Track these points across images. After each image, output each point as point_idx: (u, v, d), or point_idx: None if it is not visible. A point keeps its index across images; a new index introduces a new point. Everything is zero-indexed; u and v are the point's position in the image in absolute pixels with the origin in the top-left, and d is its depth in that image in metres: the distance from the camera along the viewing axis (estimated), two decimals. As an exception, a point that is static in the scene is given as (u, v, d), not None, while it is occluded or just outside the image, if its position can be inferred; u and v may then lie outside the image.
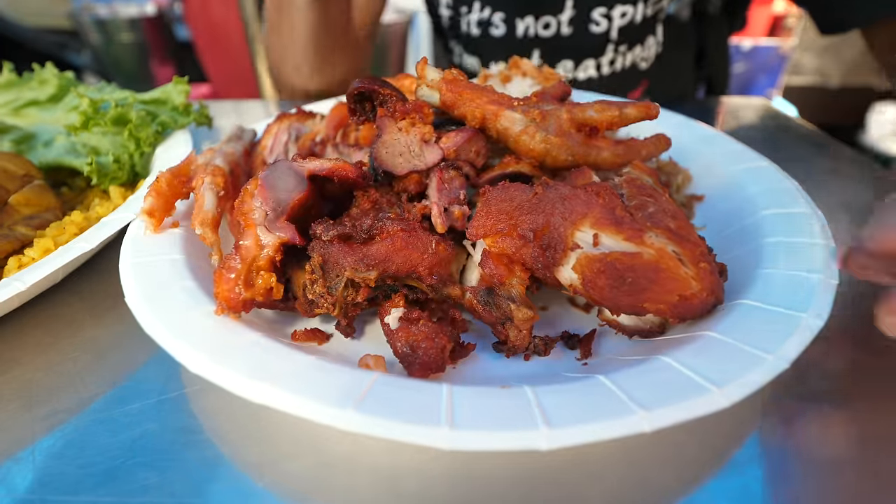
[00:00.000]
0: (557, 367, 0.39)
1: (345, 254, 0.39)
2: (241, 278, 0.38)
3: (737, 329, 0.34)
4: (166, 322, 0.35)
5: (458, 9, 1.11)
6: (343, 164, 0.42)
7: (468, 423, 0.29)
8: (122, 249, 0.43)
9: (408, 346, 0.37)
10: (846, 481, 0.32)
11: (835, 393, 0.38)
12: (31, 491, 0.33)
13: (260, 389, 0.31)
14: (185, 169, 0.50)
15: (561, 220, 0.37)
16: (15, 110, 0.75)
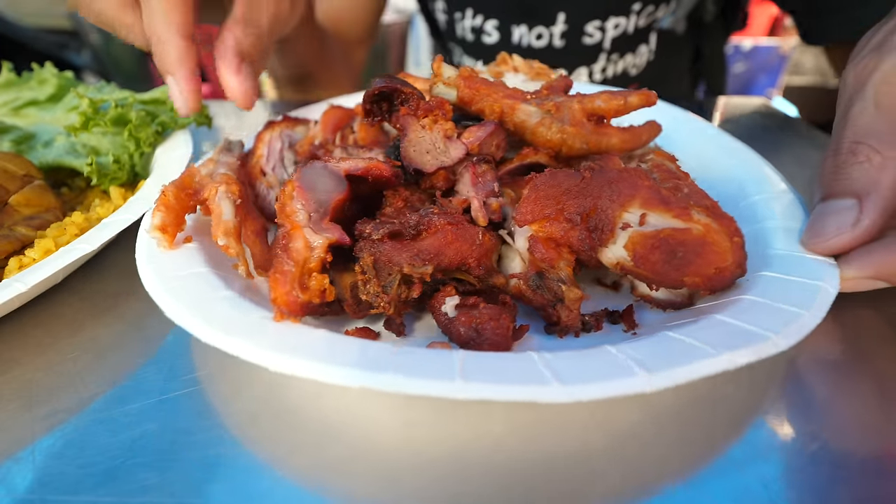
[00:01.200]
0: (606, 342, 0.39)
1: (398, 251, 0.39)
2: (296, 281, 0.37)
3: (767, 293, 0.37)
4: (237, 331, 0.35)
5: (452, 14, 1.11)
6: (378, 164, 0.42)
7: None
8: (144, 273, 0.41)
9: (472, 330, 0.38)
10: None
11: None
12: (31, 491, 0.33)
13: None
14: (188, 181, 0.48)
15: (609, 203, 0.40)
16: (14, 110, 0.75)
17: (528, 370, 0.31)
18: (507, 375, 0.31)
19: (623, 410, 0.37)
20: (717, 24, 1.16)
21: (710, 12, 1.12)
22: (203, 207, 0.48)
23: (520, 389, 0.30)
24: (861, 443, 0.35)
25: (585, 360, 0.32)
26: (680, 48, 1.14)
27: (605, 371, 0.31)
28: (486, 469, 0.33)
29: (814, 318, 0.34)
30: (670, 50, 1.11)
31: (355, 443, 0.35)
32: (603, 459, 0.34)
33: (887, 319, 0.45)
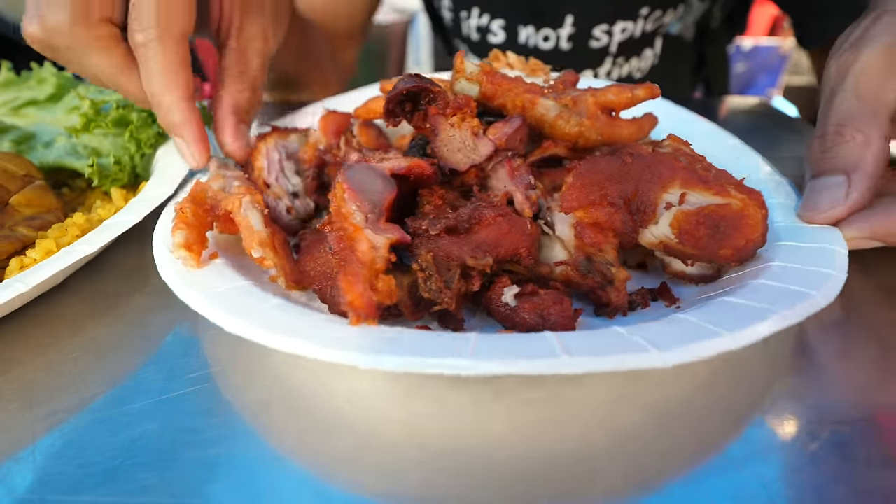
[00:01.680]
0: (649, 318, 0.41)
1: (457, 245, 0.40)
2: (367, 283, 0.37)
3: (792, 259, 0.40)
4: (311, 336, 0.34)
5: (458, 12, 1.10)
6: (420, 162, 0.43)
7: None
8: (187, 296, 0.39)
9: (538, 316, 0.39)
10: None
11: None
12: (31, 491, 0.33)
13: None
14: (201, 197, 0.46)
15: (649, 185, 0.42)
16: (14, 110, 0.75)
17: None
18: (610, 347, 0.32)
19: (624, 410, 0.37)
20: (721, 29, 1.16)
21: (717, 18, 1.12)
22: (221, 224, 0.47)
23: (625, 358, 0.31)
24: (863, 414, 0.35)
25: (675, 327, 0.34)
26: (684, 53, 1.14)
27: (690, 335, 0.33)
28: (488, 464, 0.33)
29: (841, 275, 0.37)
30: (675, 55, 1.11)
31: (358, 439, 0.35)
32: (604, 458, 0.34)
33: (875, 285, 0.48)
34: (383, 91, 0.65)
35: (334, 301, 0.41)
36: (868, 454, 0.34)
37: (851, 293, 0.46)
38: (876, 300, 0.47)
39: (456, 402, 0.38)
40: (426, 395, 0.38)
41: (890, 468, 0.33)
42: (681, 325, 0.34)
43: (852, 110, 0.45)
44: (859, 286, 0.48)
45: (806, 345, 0.42)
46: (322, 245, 0.43)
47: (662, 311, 0.43)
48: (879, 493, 0.31)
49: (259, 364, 0.42)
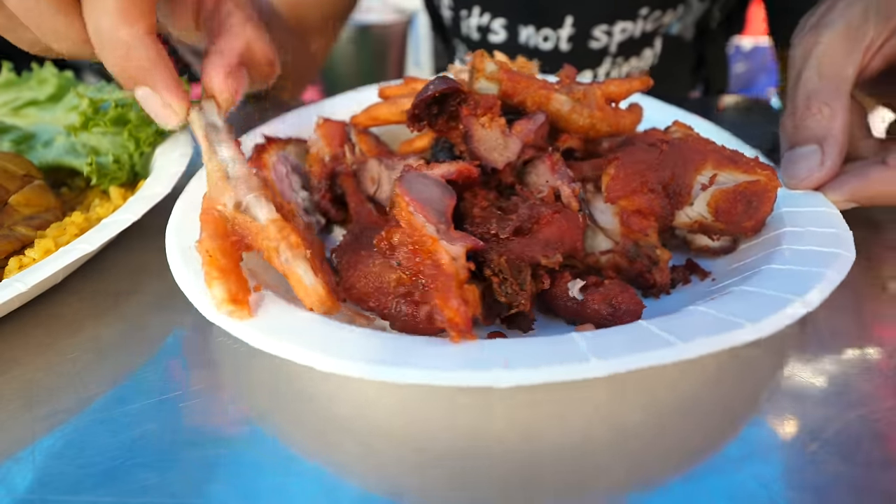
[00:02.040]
0: (687, 295, 0.45)
1: (527, 246, 0.40)
2: (460, 297, 0.35)
3: (799, 242, 0.42)
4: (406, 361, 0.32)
5: (458, 11, 1.10)
6: (467, 166, 0.43)
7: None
8: (244, 333, 0.35)
9: (608, 306, 0.40)
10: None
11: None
12: (31, 491, 0.33)
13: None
14: (222, 227, 0.40)
15: (684, 170, 0.46)
16: (14, 110, 0.75)
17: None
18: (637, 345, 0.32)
19: (626, 409, 0.37)
20: (719, 29, 1.16)
21: (716, 18, 1.12)
22: (249, 248, 0.41)
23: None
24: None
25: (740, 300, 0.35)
26: (684, 53, 1.14)
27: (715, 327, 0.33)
28: (491, 463, 0.33)
29: (849, 255, 0.38)
30: (675, 55, 1.12)
31: (361, 443, 0.35)
32: (606, 455, 0.34)
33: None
34: (382, 96, 0.65)
35: (401, 317, 0.39)
36: (868, 454, 0.34)
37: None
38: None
39: (457, 403, 0.38)
40: (428, 397, 0.38)
41: (890, 468, 0.33)
42: (704, 318, 0.35)
43: (817, 87, 0.49)
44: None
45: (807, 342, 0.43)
46: (367, 261, 0.41)
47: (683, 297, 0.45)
48: (879, 493, 0.31)
49: (260, 364, 0.42)
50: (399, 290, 0.39)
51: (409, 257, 0.38)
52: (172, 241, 0.44)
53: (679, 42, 1.10)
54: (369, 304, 0.41)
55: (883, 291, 0.48)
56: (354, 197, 0.54)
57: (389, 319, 0.40)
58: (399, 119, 0.60)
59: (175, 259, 0.42)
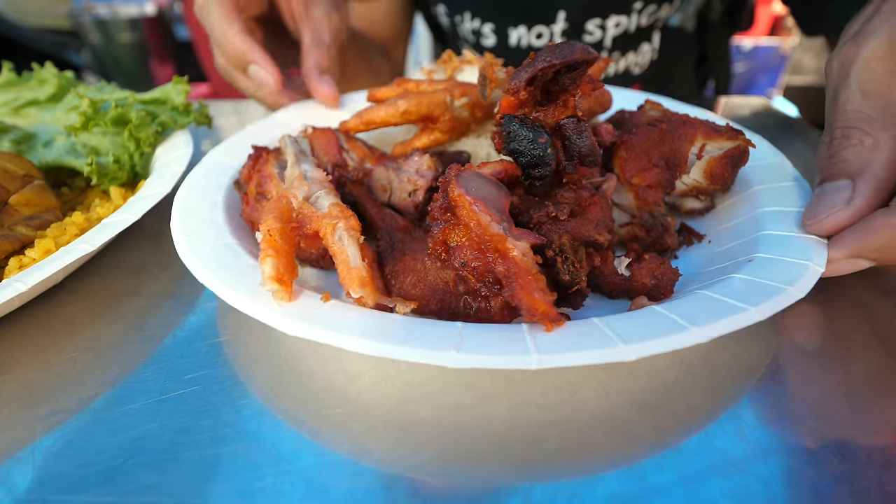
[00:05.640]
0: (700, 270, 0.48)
1: (582, 226, 0.42)
2: (542, 290, 0.36)
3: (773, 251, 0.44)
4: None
5: (453, 17, 1.13)
6: (510, 164, 0.43)
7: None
8: (286, 325, 0.36)
9: (652, 277, 0.43)
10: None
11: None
12: (31, 491, 0.33)
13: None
14: (286, 212, 0.43)
15: (680, 143, 0.52)
16: (14, 110, 0.75)
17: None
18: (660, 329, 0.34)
19: (622, 409, 0.37)
20: (722, 23, 1.16)
21: (717, 10, 1.12)
22: (306, 240, 0.45)
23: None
24: (847, 428, 0.35)
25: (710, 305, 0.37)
26: (685, 47, 1.14)
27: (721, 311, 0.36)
28: (487, 466, 0.33)
29: (797, 293, 0.38)
30: (675, 49, 1.11)
31: (356, 443, 0.35)
32: (603, 458, 0.34)
33: (856, 305, 0.47)
34: (373, 100, 0.65)
35: (473, 314, 0.40)
36: (868, 454, 0.34)
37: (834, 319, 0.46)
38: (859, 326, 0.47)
39: (458, 404, 0.38)
40: (429, 397, 0.38)
41: (890, 468, 0.33)
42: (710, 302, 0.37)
43: (859, 111, 0.42)
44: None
45: (782, 371, 0.42)
46: (417, 266, 0.42)
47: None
48: (879, 493, 0.31)
49: (260, 363, 0.42)
50: (460, 289, 0.40)
51: (477, 256, 0.39)
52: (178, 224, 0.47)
53: (680, 34, 1.10)
54: (430, 307, 0.41)
55: (885, 295, 0.48)
56: (372, 205, 0.54)
57: (458, 318, 0.41)
58: (398, 121, 0.60)
59: (182, 242, 0.44)
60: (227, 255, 0.44)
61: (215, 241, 0.46)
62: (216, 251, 0.44)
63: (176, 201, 0.50)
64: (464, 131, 0.63)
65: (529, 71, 0.40)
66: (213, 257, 0.43)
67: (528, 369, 0.32)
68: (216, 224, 0.49)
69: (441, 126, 0.60)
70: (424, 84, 0.63)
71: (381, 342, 0.34)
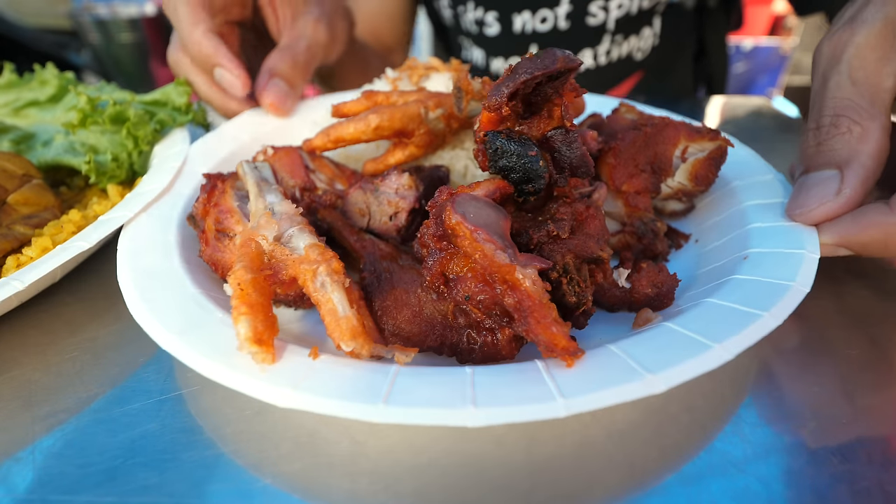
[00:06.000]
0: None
1: (583, 242, 0.40)
2: (557, 321, 0.34)
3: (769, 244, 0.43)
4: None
5: (456, 8, 1.14)
6: (501, 182, 0.40)
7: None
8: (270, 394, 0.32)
9: (653, 286, 0.42)
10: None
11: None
12: (31, 491, 0.33)
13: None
14: (257, 259, 0.38)
15: (664, 147, 0.52)
16: (15, 111, 0.74)
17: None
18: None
19: (622, 410, 0.37)
20: (719, 11, 1.18)
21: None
22: (283, 287, 0.39)
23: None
24: (837, 427, 0.35)
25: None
26: (684, 33, 1.16)
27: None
28: (487, 467, 0.33)
29: (803, 288, 0.37)
30: (675, 36, 1.13)
31: (355, 442, 0.35)
32: (601, 462, 0.34)
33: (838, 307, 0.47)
34: (339, 114, 0.59)
35: (477, 349, 0.37)
36: (868, 454, 0.34)
37: (816, 319, 0.45)
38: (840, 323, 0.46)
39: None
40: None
41: (890, 468, 0.33)
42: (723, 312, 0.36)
43: (849, 98, 0.41)
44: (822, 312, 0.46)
45: (773, 373, 0.42)
46: (411, 300, 0.40)
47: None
48: (879, 493, 0.31)
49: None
50: (461, 322, 0.38)
51: (483, 289, 0.35)
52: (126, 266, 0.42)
53: (680, 21, 1.11)
54: (429, 343, 0.38)
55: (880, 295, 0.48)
56: (350, 232, 0.49)
57: (458, 354, 0.38)
58: (370, 137, 0.55)
59: (130, 290, 0.40)
60: (192, 310, 0.38)
61: (175, 293, 0.40)
62: (178, 306, 0.38)
63: (121, 248, 0.45)
64: (439, 144, 0.59)
65: (511, 85, 0.37)
66: (177, 315, 0.37)
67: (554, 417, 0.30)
68: (173, 271, 0.43)
69: (416, 140, 0.56)
70: (394, 96, 0.59)
71: (389, 406, 0.30)
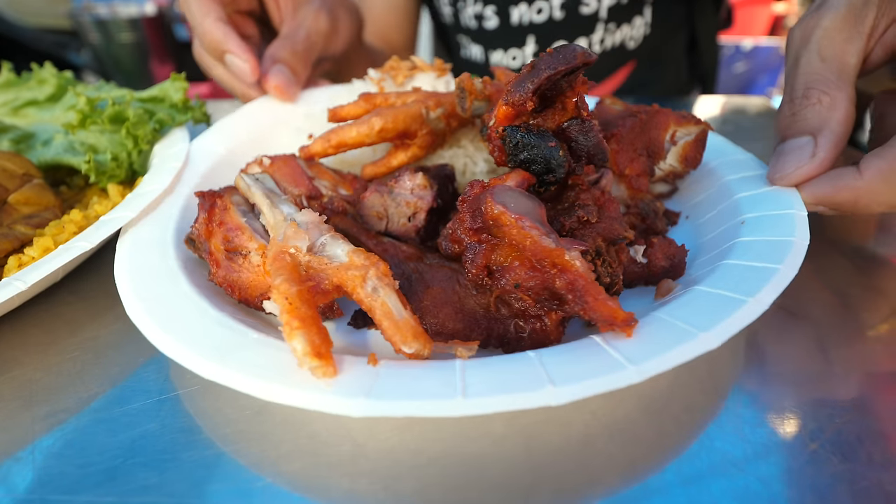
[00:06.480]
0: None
1: (609, 225, 0.42)
2: (609, 297, 0.35)
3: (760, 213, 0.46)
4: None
5: (455, 5, 1.18)
6: (526, 174, 0.42)
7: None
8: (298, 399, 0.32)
9: (668, 258, 0.45)
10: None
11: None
12: (31, 491, 0.33)
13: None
14: (295, 271, 0.36)
15: (657, 132, 0.57)
16: (14, 110, 0.75)
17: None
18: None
19: (623, 410, 0.37)
20: (707, 3, 1.21)
21: None
22: (322, 296, 0.37)
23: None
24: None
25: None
26: (675, 24, 1.20)
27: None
28: (487, 466, 0.33)
29: (803, 241, 0.41)
30: (665, 25, 1.17)
31: (355, 443, 0.35)
32: (601, 462, 0.34)
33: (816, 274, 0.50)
34: (337, 119, 0.59)
35: (526, 336, 0.38)
36: (868, 454, 0.34)
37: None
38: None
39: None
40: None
41: (890, 468, 0.33)
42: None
43: (818, 73, 0.46)
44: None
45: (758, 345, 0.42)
46: (451, 297, 0.40)
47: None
48: (880, 493, 0.31)
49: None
50: (504, 313, 0.38)
51: (532, 276, 0.36)
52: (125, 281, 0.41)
53: (669, 12, 1.15)
54: (472, 337, 0.39)
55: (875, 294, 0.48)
56: (368, 237, 0.49)
57: (506, 344, 0.38)
58: (374, 140, 0.55)
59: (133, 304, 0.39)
60: (226, 336, 0.36)
61: (201, 322, 0.38)
62: (210, 334, 0.36)
63: (122, 281, 0.42)
64: (439, 144, 0.59)
65: (535, 81, 0.39)
66: (213, 343, 0.35)
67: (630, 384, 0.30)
68: (188, 298, 0.40)
69: (419, 141, 0.56)
70: (392, 97, 0.58)
71: (469, 399, 0.30)
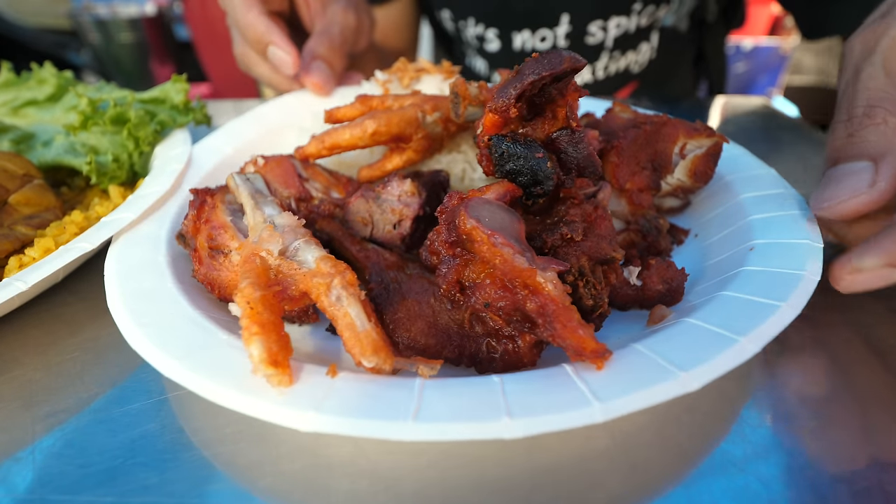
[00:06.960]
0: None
1: (596, 244, 0.39)
2: (581, 323, 0.33)
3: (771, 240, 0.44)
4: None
5: (457, 23, 1.16)
6: (511, 185, 0.39)
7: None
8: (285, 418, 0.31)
9: (665, 283, 0.42)
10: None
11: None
12: (31, 491, 0.33)
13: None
14: (263, 274, 0.36)
15: (664, 144, 0.53)
16: (13, 110, 0.74)
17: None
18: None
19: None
20: (718, 22, 1.17)
21: (713, 12, 1.13)
22: (290, 302, 0.37)
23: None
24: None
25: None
26: (682, 46, 1.16)
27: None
28: (488, 468, 0.33)
29: (817, 244, 0.40)
30: (673, 48, 1.13)
31: (355, 444, 0.35)
32: (602, 464, 0.34)
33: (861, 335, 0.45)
34: (333, 120, 0.58)
35: (496, 357, 0.36)
36: (868, 454, 0.34)
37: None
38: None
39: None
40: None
41: (890, 468, 0.33)
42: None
43: (883, 90, 0.39)
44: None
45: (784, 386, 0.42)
46: (425, 310, 0.39)
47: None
48: (880, 493, 0.31)
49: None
50: (478, 330, 0.37)
51: (503, 295, 0.34)
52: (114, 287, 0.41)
53: (675, 34, 1.11)
54: (446, 354, 0.37)
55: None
56: (352, 242, 0.48)
57: (478, 364, 0.37)
58: (367, 143, 0.54)
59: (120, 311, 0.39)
60: (194, 334, 0.36)
61: (174, 317, 0.38)
62: (179, 331, 0.37)
63: (109, 271, 0.43)
64: (437, 148, 0.57)
65: (518, 87, 0.36)
66: (178, 340, 0.35)
67: (592, 423, 0.29)
68: (168, 293, 0.41)
69: (414, 145, 0.54)
70: (389, 100, 0.57)
71: (419, 423, 0.29)
